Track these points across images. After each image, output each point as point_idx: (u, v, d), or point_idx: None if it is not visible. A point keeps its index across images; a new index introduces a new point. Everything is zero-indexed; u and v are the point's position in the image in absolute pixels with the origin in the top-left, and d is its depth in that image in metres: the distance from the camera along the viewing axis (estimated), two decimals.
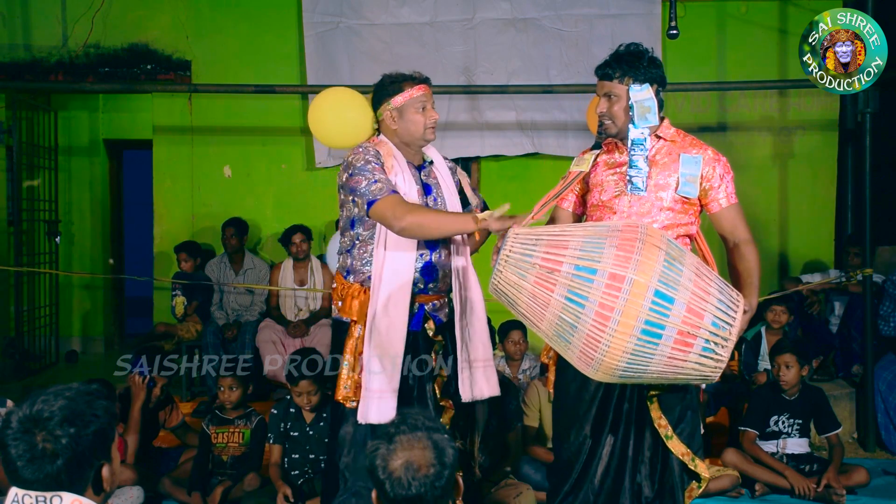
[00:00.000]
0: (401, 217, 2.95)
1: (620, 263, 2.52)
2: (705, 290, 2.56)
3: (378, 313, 3.09)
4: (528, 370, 5.17)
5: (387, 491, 1.81)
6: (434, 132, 3.25)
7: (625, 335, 2.51)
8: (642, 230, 2.62)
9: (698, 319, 2.52)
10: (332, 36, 6.88)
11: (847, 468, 4.62)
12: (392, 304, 3.10)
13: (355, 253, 3.21)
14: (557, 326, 2.60)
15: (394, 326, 3.10)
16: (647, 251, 2.54)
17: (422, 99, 3.20)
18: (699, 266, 2.62)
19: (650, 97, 2.96)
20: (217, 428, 4.46)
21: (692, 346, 2.53)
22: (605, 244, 2.57)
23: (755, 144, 7.04)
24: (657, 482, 3.01)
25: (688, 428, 3.02)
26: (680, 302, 2.51)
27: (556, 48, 6.84)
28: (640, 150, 2.97)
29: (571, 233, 2.65)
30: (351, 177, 3.10)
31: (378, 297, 3.10)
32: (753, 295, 2.90)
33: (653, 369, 2.58)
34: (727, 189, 3.04)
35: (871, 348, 5.40)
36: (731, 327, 2.56)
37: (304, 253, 6.41)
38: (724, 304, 2.58)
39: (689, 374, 2.60)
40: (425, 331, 3.21)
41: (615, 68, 3.00)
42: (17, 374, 6.59)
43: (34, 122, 7.00)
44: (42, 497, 1.78)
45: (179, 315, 6.36)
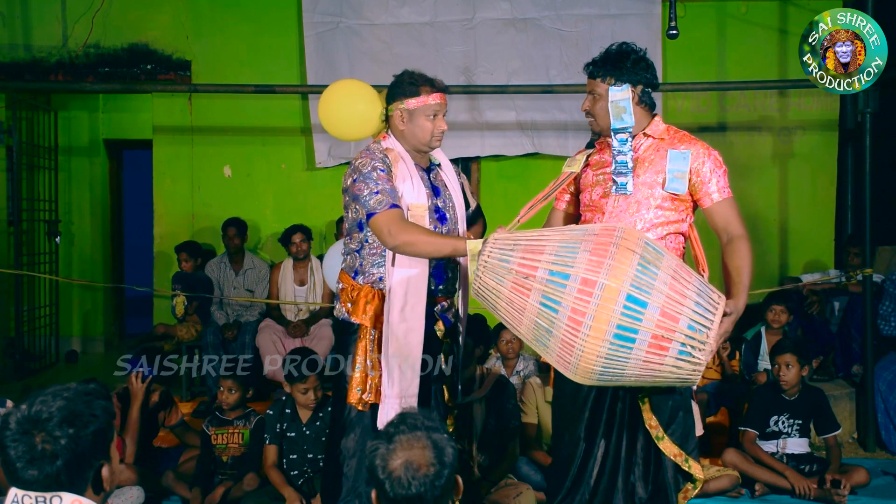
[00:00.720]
0: (395, 235, 2.93)
1: (593, 268, 2.53)
2: (681, 293, 2.54)
3: (395, 318, 3.07)
4: (523, 371, 5.17)
5: (386, 491, 1.81)
6: (440, 142, 3.22)
7: (597, 339, 2.52)
8: (618, 234, 2.62)
9: (673, 323, 2.52)
10: (332, 36, 6.88)
11: (847, 468, 4.62)
12: (409, 308, 3.07)
13: (364, 254, 3.17)
14: (534, 331, 2.63)
15: (412, 331, 3.08)
16: (621, 255, 2.54)
17: (435, 108, 3.18)
18: (677, 269, 2.60)
19: (626, 98, 2.95)
20: (217, 429, 4.47)
21: (668, 350, 2.53)
22: (579, 249, 2.58)
23: (755, 144, 7.04)
24: (651, 483, 3.00)
25: (680, 429, 2.98)
26: (653, 306, 2.51)
27: (556, 48, 6.84)
28: (623, 150, 2.96)
29: (548, 237, 2.66)
30: (354, 182, 3.08)
31: (395, 301, 3.07)
32: (741, 295, 2.81)
33: (629, 372, 2.58)
34: (719, 183, 2.97)
35: (871, 348, 5.40)
36: (708, 330, 2.54)
37: (303, 253, 6.41)
38: (702, 307, 2.56)
39: (667, 377, 2.60)
40: (435, 332, 3.21)
41: (599, 67, 3.01)
42: (17, 374, 6.60)
43: (34, 122, 7.00)
44: (42, 497, 1.78)
45: (180, 315, 6.36)
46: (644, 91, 3.00)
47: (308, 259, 6.45)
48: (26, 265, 6.73)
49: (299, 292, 6.42)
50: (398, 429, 1.86)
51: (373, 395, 3.12)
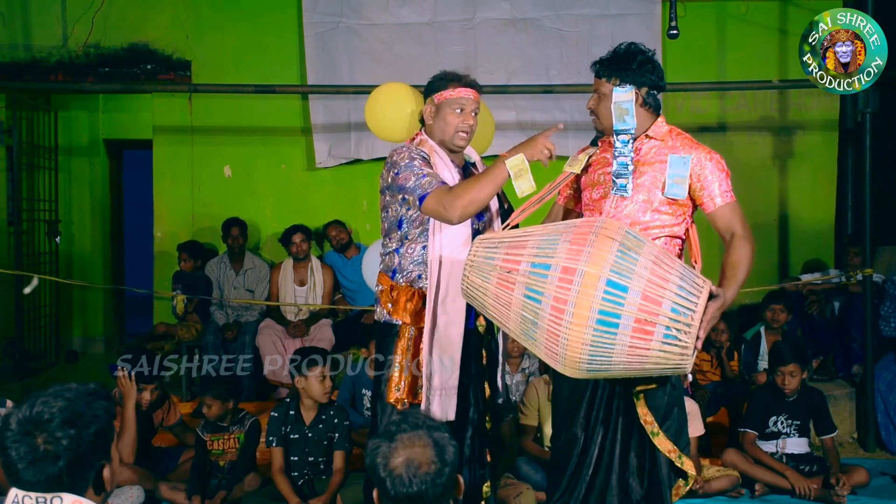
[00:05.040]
0: (451, 204, 2.92)
1: (572, 257, 2.56)
2: (663, 277, 2.55)
3: (437, 311, 3.10)
4: (528, 368, 5.17)
5: (388, 489, 1.81)
6: (464, 139, 3.20)
7: (581, 326, 2.53)
8: (598, 224, 2.65)
9: (656, 306, 2.52)
10: (332, 36, 6.88)
11: (847, 468, 4.62)
12: (450, 300, 3.10)
13: (403, 252, 3.18)
14: (521, 325, 2.65)
15: (453, 323, 3.11)
16: (600, 243, 2.56)
17: (461, 101, 3.18)
18: (658, 254, 2.60)
19: (629, 100, 2.95)
20: (212, 435, 4.42)
21: (652, 334, 2.53)
22: (559, 240, 2.61)
23: (755, 144, 7.04)
24: (646, 479, 3.00)
25: (674, 425, 2.98)
26: (634, 290, 2.52)
27: (556, 48, 6.84)
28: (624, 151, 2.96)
29: (531, 233, 2.70)
30: (398, 175, 3.07)
31: (435, 294, 3.10)
32: (732, 287, 2.80)
33: (617, 360, 2.58)
34: (721, 187, 2.95)
35: (871, 348, 5.40)
36: (692, 312, 2.54)
37: (304, 253, 6.41)
38: (685, 290, 2.55)
39: (657, 364, 2.58)
40: (477, 328, 3.23)
41: (605, 66, 3.01)
42: (17, 374, 6.60)
43: (34, 122, 7.00)
44: (43, 498, 1.78)
45: (180, 313, 6.36)
46: (649, 93, 3.00)
47: (308, 259, 6.45)
48: (26, 265, 6.72)
49: (299, 292, 6.43)
50: (399, 427, 1.86)
51: (408, 394, 3.15)
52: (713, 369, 5.61)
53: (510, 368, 5.18)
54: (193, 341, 6.33)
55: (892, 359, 5.63)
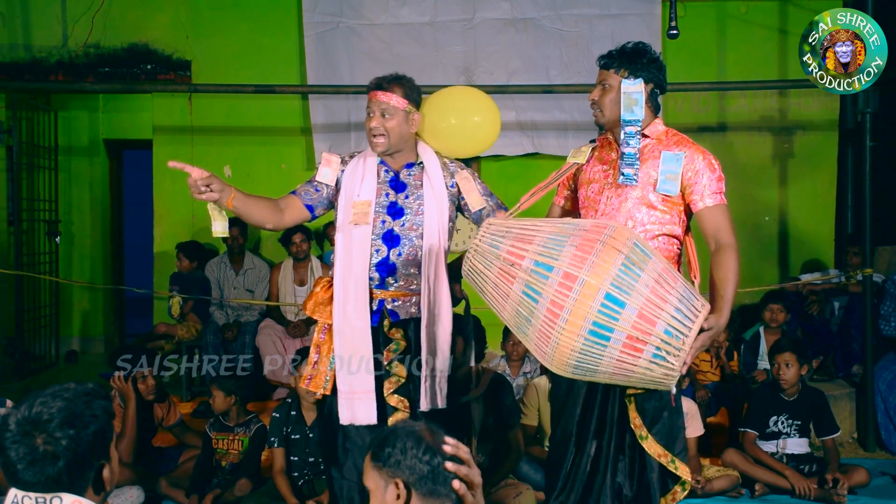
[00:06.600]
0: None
1: (576, 263, 2.55)
2: (662, 297, 2.54)
3: (340, 312, 3.11)
4: (530, 373, 5.16)
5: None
6: (378, 143, 3.27)
7: (573, 334, 2.53)
8: (608, 231, 2.63)
9: (650, 326, 2.51)
10: (332, 36, 6.88)
11: (847, 468, 4.62)
12: (351, 301, 3.11)
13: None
14: (516, 318, 2.67)
15: (355, 324, 3.09)
16: (605, 253, 2.55)
17: (369, 105, 3.29)
18: (662, 272, 2.59)
19: (639, 91, 2.97)
20: (218, 434, 4.44)
21: (642, 352, 2.53)
22: (566, 243, 2.60)
23: (755, 144, 7.04)
24: (636, 482, 3.00)
25: (664, 429, 2.96)
26: (631, 307, 2.51)
27: (556, 48, 6.84)
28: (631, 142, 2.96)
29: (540, 228, 2.69)
30: None
31: (338, 294, 3.13)
32: (724, 310, 2.76)
33: (603, 369, 2.59)
34: (711, 188, 2.93)
35: (871, 348, 5.40)
36: (685, 337, 2.54)
37: (303, 253, 6.41)
38: (682, 313, 2.55)
39: (641, 378, 2.60)
40: (382, 327, 3.18)
41: (614, 59, 3.03)
42: (17, 374, 6.60)
43: (34, 122, 7.00)
44: (42, 498, 1.78)
45: (176, 315, 6.36)
46: (653, 91, 3.03)
47: (308, 259, 6.45)
48: (26, 265, 6.73)
49: (299, 292, 6.42)
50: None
51: (313, 382, 3.20)
52: (713, 369, 5.61)
53: (511, 372, 5.18)
54: (193, 341, 6.33)
55: (892, 359, 5.64)
